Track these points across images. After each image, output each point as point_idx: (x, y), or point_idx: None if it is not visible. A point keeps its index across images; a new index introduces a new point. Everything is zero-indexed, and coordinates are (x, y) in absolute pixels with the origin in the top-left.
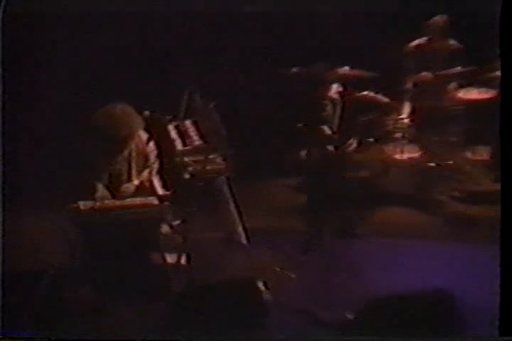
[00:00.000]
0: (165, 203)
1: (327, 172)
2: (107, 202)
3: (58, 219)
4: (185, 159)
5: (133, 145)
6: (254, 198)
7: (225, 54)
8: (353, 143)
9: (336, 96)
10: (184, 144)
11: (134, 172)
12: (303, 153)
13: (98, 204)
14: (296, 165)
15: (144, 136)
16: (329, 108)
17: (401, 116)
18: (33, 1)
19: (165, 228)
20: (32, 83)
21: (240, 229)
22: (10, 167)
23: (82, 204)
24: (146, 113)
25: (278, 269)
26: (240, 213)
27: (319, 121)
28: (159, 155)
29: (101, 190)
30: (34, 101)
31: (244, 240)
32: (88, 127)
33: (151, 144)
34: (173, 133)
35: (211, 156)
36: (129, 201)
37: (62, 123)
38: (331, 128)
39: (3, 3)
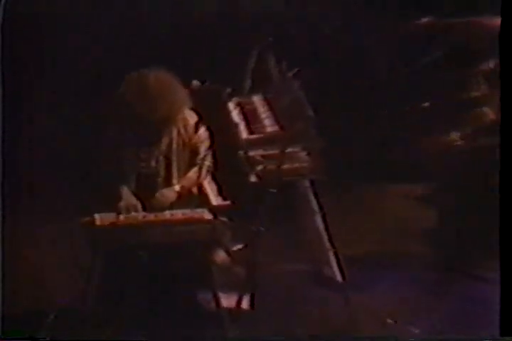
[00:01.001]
0: (220, 218)
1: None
2: (134, 215)
3: (65, 238)
4: (252, 153)
5: (174, 133)
6: (352, 212)
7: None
8: None
9: None
10: (250, 131)
11: (174, 171)
12: (428, 146)
13: (122, 217)
14: (417, 165)
15: (192, 118)
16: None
17: None
18: (33, 1)
19: (220, 255)
20: (32, 83)
21: (331, 258)
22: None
23: (99, 218)
24: (195, 83)
25: (390, 321)
26: (330, 234)
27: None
28: (212, 147)
29: (126, 197)
30: (34, 101)
31: (337, 275)
32: (108, 106)
33: (202, 131)
34: (235, 115)
35: (290, 150)
36: (167, 214)
37: (62, 122)
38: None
39: (3, 3)
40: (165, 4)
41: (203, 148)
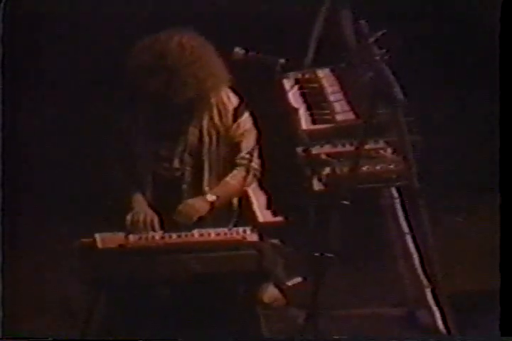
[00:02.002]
0: (270, 241)
1: None
2: (149, 235)
3: (59, 264)
4: (316, 150)
5: (206, 121)
6: (458, 232)
7: None
8: None
9: None
10: (314, 120)
11: (206, 175)
12: None
13: (132, 238)
14: None
15: (231, 101)
16: None
17: None
18: (33, 1)
19: (269, 292)
20: (33, 83)
21: (428, 297)
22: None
23: (102, 240)
24: (238, 51)
25: None
26: (423, 262)
27: None
28: (259, 142)
29: (139, 209)
30: (35, 101)
31: (436, 321)
32: (113, 88)
33: (244, 118)
34: (292, 96)
35: (369, 146)
36: (195, 234)
37: (63, 122)
38: None
39: (3, 3)
40: None
41: (246, 142)
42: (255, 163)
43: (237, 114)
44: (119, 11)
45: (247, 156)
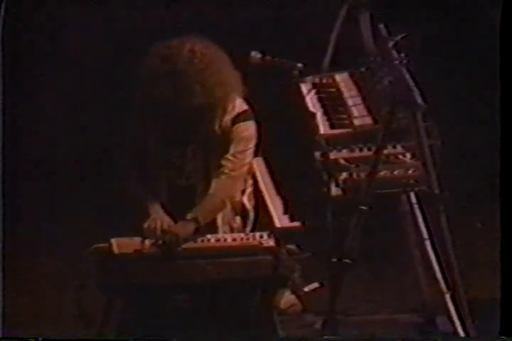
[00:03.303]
0: (287, 246)
1: None
2: (168, 239)
3: (71, 272)
4: (334, 155)
5: (217, 127)
6: (479, 239)
7: None
8: None
9: None
10: (332, 124)
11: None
12: None
13: (148, 243)
14: None
15: (239, 106)
16: None
17: None
18: (33, 1)
19: (286, 298)
20: (33, 83)
21: (448, 303)
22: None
23: (118, 245)
24: (255, 55)
25: None
26: (445, 269)
27: None
28: (256, 152)
29: (156, 216)
30: (35, 101)
31: (457, 328)
32: (125, 93)
33: (248, 123)
34: (310, 101)
35: (388, 151)
36: (211, 239)
37: (75, 128)
38: None
39: (3, 4)
40: None
41: (235, 146)
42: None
43: (239, 119)
44: (125, 12)
45: (231, 158)
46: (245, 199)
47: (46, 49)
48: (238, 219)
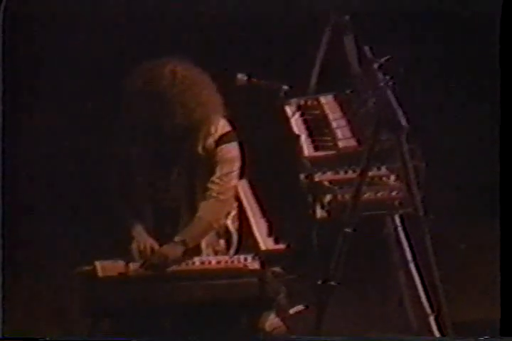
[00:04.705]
0: (272, 268)
1: None
2: (157, 261)
3: (58, 293)
4: (318, 177)
5: (196, 150)
6: (466, 261)
7: None
8: None
9: None
10: (316, 146)
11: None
12: None
13: (133, 267)
14: None
15: (222, 127)
16: None
17: None
18: (33, 0)
19: (271, 320)
20: (33, 83)
21: (432, 326)
22: None
23: (102, 267)
24: (240, 78)
25: None
26: (429, 291)
27: None
28: (241, 174)
29: (140, 237)
30: (35, 102)
31: None
32: (110, 111)
33: (231, 145)
34: (295, 123)
35: (372, 173)
36: (196, 261)
37: (62, 122)
38: None
39: (3, 4)
40: None
41: (221, 168)
42: (224, 191)
43: (222, 141)
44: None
45: (217, 181)
46: (229, 222)
47: (46, 49)
48: (222, 241)
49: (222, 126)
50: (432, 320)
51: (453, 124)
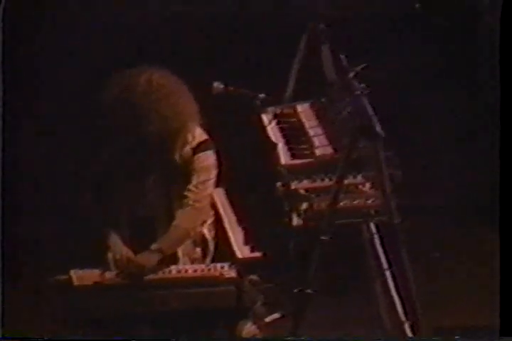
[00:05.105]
0: (248, 277)
1: None
2: (133, 270)
3: (34, 302)
4: (295, 185)
5: (177, 157)
6: (439, 268)
7: None
8: None
9: None
10: (293, 154)
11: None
12: None
13: (109, 275)
14: None
15: (198, 135)
16: None
17: None
18: (33, 0)
19: (247, 328)
20: (33, 83)
21: (407, 333)
22: None
23: (77, 277)
24: (217, 86)
25: None
26: (404, 299)
27: None
28: (217, 182)
29: (115, 246)
30: (35, 102)
31: None
32: (88, 118)
33: (208, 153)
34: (271, 131)
35: (348, 181)
36: (173, 270)
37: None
38: None
39: (3, 4)
40: None
41: (197, 176)
42: (200, 198)
43: (199, 149)
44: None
45: (193, 189)
46: (205, 230)
47: (46, 49)
48: (198, 250)
49: (198, 134)
50: (407, 327)
51: (430, 132)
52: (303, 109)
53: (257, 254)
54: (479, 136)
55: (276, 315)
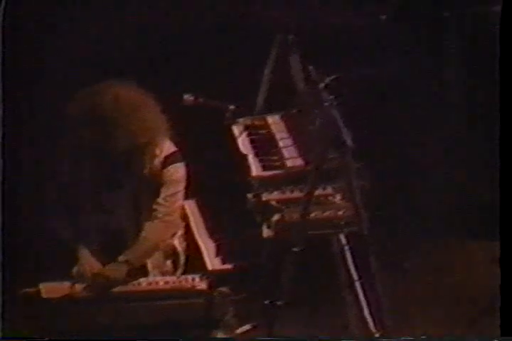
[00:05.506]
0: (219, 289)
1: None
2: (99, 282)
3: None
4: (266, 197)
5: (142, 172)
6: (408, 279)
7: None
8: None
9: None
10: (264, 166)
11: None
12: None
13: (78, 288)
14: None
15: (166, 148)
16: None
17: None
18: (33, 0)
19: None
20: (33, 83)
21: None
22: None
23: (46, 289)
24: (187, 98)
25: None
26: (374, 310)
27: None
28: (186, 194)
29: (84, 259)
30: (35, 102)
31: None
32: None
33: (177, 166)
34: (242, 143)
35: (318, 192)
36: (143, 282)
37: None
38: None
39: (3, 3)
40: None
41: (166, 189)
42: (169, 212)
43: (168, 162)
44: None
45: (162, 202)
46: (176, 242)
47: (46, 49)
48: (168, 262)
49: (167, 147)
50: (376, 337)
51: (401, 143)
52: (273, 120)
53: (228, 266)
54: (450, 147)
55: (247, 327)
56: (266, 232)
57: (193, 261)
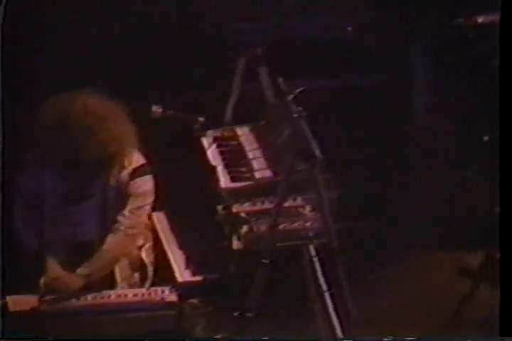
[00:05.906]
0: (189, 301)
1: None
2: (59, 292)
3: None
4: (235, 208)
5: (109, 183)
6: (377, 290)
7: None
8: None
9: None
10: (232, 177)
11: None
12: None
13: (49, 300)
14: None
15: (135, 160)
16: None
17: None
18: (33, 0)
19: None
20: (33, 83)
21: None
22: None
23: (14, 302)
24: (155, 110)
25: None
26: (343, 321)
27: None
28: (153, 207)
29: (52, 272)
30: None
31: None
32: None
33: (145, 178)
34: (211, 155)
35: (287, 204)
36: (112, 295)
37: None
38: None
39: (3, 4)
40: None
41: (132, 201)
42: (134, 225)
43: (136, 174)
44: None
45: (127, 214)
46: (143, 255)
47: (46, 49)
48: (136, 275)
49: (135, 159)
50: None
51: (371, 153)
52: (242, 132)
53: (198, 278)
54: (417, 158)
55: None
56: (236, 244)
57: (163, 273)
